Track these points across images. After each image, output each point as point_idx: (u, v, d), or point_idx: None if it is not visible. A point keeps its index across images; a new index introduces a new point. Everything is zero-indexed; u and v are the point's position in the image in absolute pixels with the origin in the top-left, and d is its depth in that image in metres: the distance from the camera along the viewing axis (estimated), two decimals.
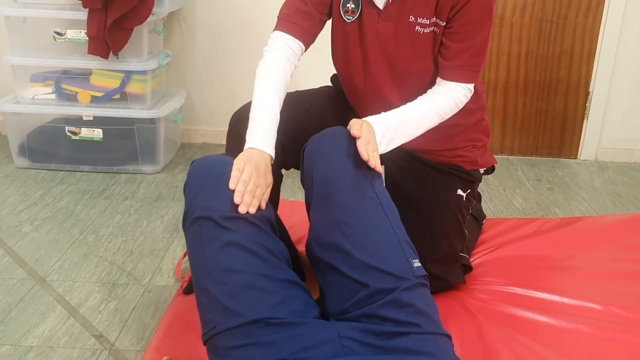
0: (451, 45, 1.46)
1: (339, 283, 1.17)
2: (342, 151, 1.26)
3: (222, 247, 1.15)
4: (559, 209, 2.50)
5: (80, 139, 2.69)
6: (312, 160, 1.29)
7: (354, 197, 1.21)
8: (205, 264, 1.16)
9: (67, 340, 1.53)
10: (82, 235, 2.10)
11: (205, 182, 1.23)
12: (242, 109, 1.59)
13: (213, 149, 3.11)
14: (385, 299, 1.10)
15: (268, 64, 1.47)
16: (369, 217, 1.20)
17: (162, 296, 1.74)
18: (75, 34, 2.59)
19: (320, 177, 1.25)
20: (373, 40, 1.49)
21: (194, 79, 3.12)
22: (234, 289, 1.11)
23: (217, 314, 1.11)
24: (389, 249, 1.17)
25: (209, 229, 1.17)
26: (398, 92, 1.53)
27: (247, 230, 1.18)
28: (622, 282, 1.77)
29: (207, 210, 1.19)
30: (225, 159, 1.28)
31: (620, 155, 3.16)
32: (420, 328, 1.07)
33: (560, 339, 1.50)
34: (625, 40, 2.98)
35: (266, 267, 1.14)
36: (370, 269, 1.13)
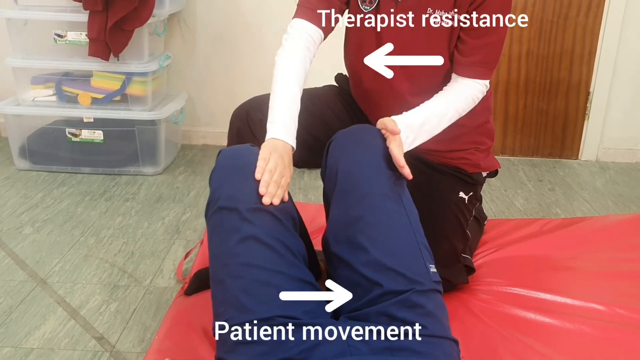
0: (469, 41, 1.45)
1: (352, 280, 1.16)
2: (369, 148, 1.26)
3: (241, 240, 1.14)
4: (561, 209, 2.50)
5: (81, 141, 2.69)
6: (337, 155, 1.28)
7: (377, 196, 1.20)
8: (223, 255, 1.15)
9: (67, 342, 1.53)
10: (83, 237, 2.10)
11: (230, 171, 1.23)
12: (242, 106, 1.59)
13: (214, 150, 3.10)
14: (396, 298, 1.10)
15: (288, 52, 1.45)
16: (391, 217, 1.19)
17: (163, 298, 1.74)
18: (76, 36, 2.59)
19: (345, 172, 1.24)
20: (389, 32, 1.47)
21: (194, 80, 3.12)
22: (250, 284, 1.11)
23: (230, 307, 1.10)
24: (408, 251, 1.16)
25: (231, 220, 1.16)
26: (411, 87, 1.51)
27: (269, 225, 1.17)
28: (625, 283, 1.76)
29: (230, 200, 1.18)
30: (252, 149, 1.27)
31: (621, 156, 3.16)
32: (427, 330, 1.07)
33: (563, 340, 1.50)
34: (626, 40, 2.98)
35: (283, 265, 1.14)
36: (385, 269, 1.13)
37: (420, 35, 1.46)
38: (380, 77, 1.52)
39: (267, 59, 3.04)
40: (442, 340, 1.09)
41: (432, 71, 1.50)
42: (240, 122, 1.55)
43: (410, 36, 1.47)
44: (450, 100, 1.46)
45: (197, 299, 1.64)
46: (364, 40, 1.52)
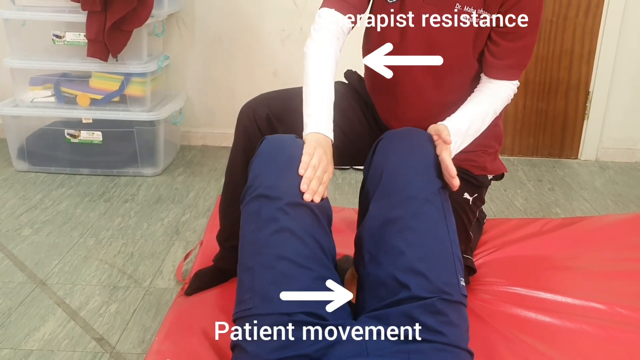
0: (504, 43, 1.44)
1: (380, 279, 1.16)
2: (419, 152, 1.25)
3: (277, 232, 1.14)
4: (561, 209, 2.50)
5: (80, 142, 2.68)
6: (385, 154, 1.27)
7: (420, 200, 1.19)
8: (256, 243, 1.15)
9: (67, 344, 1.52)
10: (82, 238, 2.09)
11: (274, 161, 1.22)
12: (249, 104, 1.57)
13: (213, 151, 3.10)
14: (421, 302, 1.09)
15: (318, 43, 1.42)
16: (430, 224, 1.18)
17: (163, 299, 1.73)
18: (74, 36, 2.58)
19: (391, 172, 1.23)
20: (416, 24, 1.45)
21: (193, 81, 3.11)
22: (279, 276, 1.10)
23: (255, 296, 1.10)
24: (442, 260, 1.15)
25: (269, 210, 1.15)
26: (434, 84, 1.50)
27: (306, 220, 1.16)
28: (626, 282, 1.76)
29: (271, 190, 1.17)
30: (297, 141, 1.27)
31: (621, 155, 3.16)
32: (446, 338, 1.07)
33: (564, 339, 1.49)
34: (625, 40, 2.98)
35: (314, 263, 1.14)
36: (417, 273, 1.12)
37: (446, 30, 1.44)
38: (404, 74, 1.49)
39: (266, 59, 3.05)
40: (459, 351, 1.09)
41: (459, 69, 1.49)
42: (247, 119, 1.54)
43: (436, 31, 1.44)
44: (490, 102, 1.46)
45: (197, 299, 1.64)
46: (386, 34, 1.49)
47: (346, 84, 1.69)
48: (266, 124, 1.53)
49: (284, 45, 3.03)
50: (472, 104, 1.46)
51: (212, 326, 1.49)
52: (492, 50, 1.46)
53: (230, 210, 1.65)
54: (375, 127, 1.64)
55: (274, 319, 1.07)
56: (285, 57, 3.05)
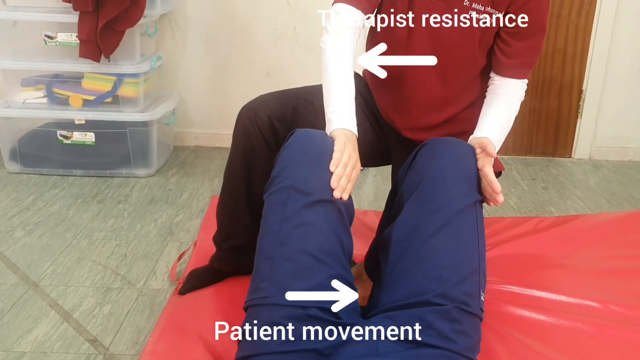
0: (515, 43, 1.45)
1: (402, 280, 1.16)
2: (462, 164, 1.26)
3: (302, 225, 1.14)
4: (554, 207, 2.50)
5: (73, 143, 2.67)
6: (428, 160, 1.27)
7: (456, 211, 1.19)
8: (280, 234, 1.14)
9: (60, 345, 1.51)
10: (75, 240, 2.08)
11: (305, 154, 1.22)
12: (249, 105, 1.56)
13: (206, 151, 3.09)
14: (438, 307, 1.10)
15: (335, 39, 1.41)
16: (462, 235, 1.19)
17: (157, 300, 1.73)
18: (66, 37, 2.57)
19: (432, 178, 1.23)
20: (422, 21, 1.45)
21: (186, 81, 3.10)
22: (300, 269, 1.10)
23: (273, 285, 1.10)
24: (467, 271, 1.16)
25: (295, 202, 1.15)
26: (439, 80, 1.50)
27: (331, 217, 1.16)
28: (620, 280, 1.76)
29: (300, 183, 1.17)
30: (328, 137, 1.27)
31: (614, 154, 3.17)
32: (457, 346, 1.07)
33: (558, 337, 1.49)
34: (618, 38, 2.99)
35: (333, 260, 1.14)
36: (439, 280, 1.13)
37: (454, 27, 1.44)
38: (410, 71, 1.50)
39: (259, 59, 3.05)
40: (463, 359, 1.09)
41: (464, 65, 1.49)
42: (248, 120, 1.53)
43: (444, 27, 1.44)
44: (511, 104, 1.47)
45: (191, 299, 1.63)
46: (394, 31, 1.49)
47: None
48: (267, 125, 1.52)
49: (276, 45, 3.03)
50: (496, 107, 1.46)
51: (207, 326, 1.49)
52: (504, 49, 1.46)
53: (228, 212, 1.65)
54: (375, 124, 1.63)
55: (289, 311, 1.07)
56: (278, 57, 3.04)
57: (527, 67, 1.49)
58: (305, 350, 1.04)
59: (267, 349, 1.05)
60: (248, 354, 1.08)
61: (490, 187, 1.23)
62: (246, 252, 1.70)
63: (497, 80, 1.50)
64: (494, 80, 1.51)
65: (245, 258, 1.72)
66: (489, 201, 1.26)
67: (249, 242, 1.68)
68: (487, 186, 1.25)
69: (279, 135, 1.53)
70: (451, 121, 1.55)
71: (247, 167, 1.56)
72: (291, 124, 1.52)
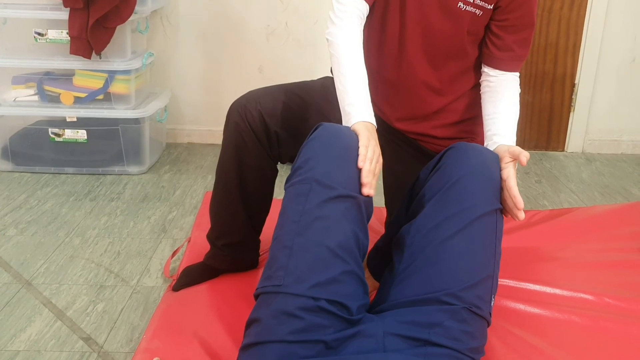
0: (506, 36, 1.46)
1: (415, 276, 1.16)
2: (488, 171, 1.26)
3: (323, 218, 1.14)
4: (548, 201, 2.51)
5: (64, 141, 2.66)
6: (455, 163, 1.27)
7: (478, 214, 1.20)
8: (299, 224, 1.14)
9: (54, 344, 1.51)
10: (67, 238, 2.07)
11: (329, 147, 1.22)
12: (240, 100, 1.55)
13: (199, 148, 3.08)
14: (449, 306, 1.10)
15: (343, 29, 1.41)
16: (482, 240, 1.19)
17: (151, 297, 1.72)
18: (56, 34, 2.55)
19: (458, 181, 1.23)
20: (414, 10, 1.45)
21: (178, 78, 3.09)
22: (316, 262, 1.11)
23: (288, 275, 1.10)
24: (482, 275, 1.16)
25: (319, 195, 1.15)
26: (430, 71, 1.50)
27: (352, 213, 1.17)
28: (614, 272, 1.77)
29: (324, 176, 1.17)
30: (353, 134, 1.27)
31: (606, 147, 3.18)
32: (463, 346, 1.08)
33: (553, 330, 1.50)
34: (610, 32, 2.99)
35: (349, 255, 1.14)
36: (454, 281, 1.13)
37: (445, 16, 1.44)
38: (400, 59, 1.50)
39: (251, 55, 3.04)
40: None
41: (453, 56, 1.50)
42: (238, 116, 1.53)
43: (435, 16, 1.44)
44: (516, 103, 1.50)
45: (186, 296, 1.63)
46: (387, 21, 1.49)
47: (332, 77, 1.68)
48: (257, 120, 1.52)
49: (269, 41, 3.02)
50: (508, 110, 1.47)
51: (201, 323, 1.49)
52: (496, 42, 1.48)
53: (221, 209, 1.64)
54: None
55: (301, 301, 1.07)
56: (270, 53, 3.03)
57: (519, 60, 1.50)
58: (313, 341, 1.04)
59: (276, 337, 1.05)
60: (256, 341, 1.08)
61: (513, 202, 1.23)
62: (241, 249, 1.70)
63: (493, 75, 1.51)
64: (490, 76, 1.52)
65: (239, 255, 1.72)
66: (507, 214, 1.27)
67: (243, 239, 1.68)
68: (508, 199, 1.25)
69: (269, 130, 1.52)
70: (442, 111, 1.55)
71: (239, 163, 1.56)
72: (282, 119, 1.52)
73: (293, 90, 1.58)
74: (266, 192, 1.65)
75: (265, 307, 1.10)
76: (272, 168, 1.61)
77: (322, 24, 2.98)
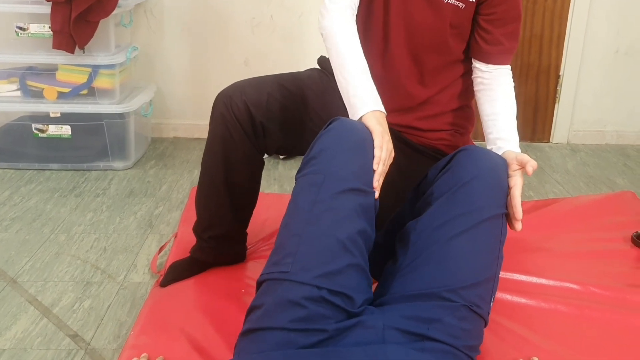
0: (494, 30, 1.46)
1: (418, 272, 1.17)
2: (496, 174, 1.27)
3: (334, 210, 1.15)
4: (533, 191, 2.52)
5: (48, 137, 2.63)
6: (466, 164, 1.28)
7: (486, 215, 1.21)
8: (311, 214, 1.15)
9: (41, 341, 1.49)
10: (53, 234, 2.05)
11: (344, 140, 1.22)
12: (225, 91, 1.54)
13: (185, 143, 3.06)
14: (449, 303, 1.11)
15: (336, 21, 1.40)
16: (487, 242, 1.20)
17: (138, 293, 1.71)
18: (38, 28, 2.52)
19: (468, 182, 1.24)
20: (398, 2, 1.45)
21: (163, 72, 3.07)
22: (325, 252, 1.11)
23: (297, 263, 1.10)
24: (484, 275, 1.17)
25: (332, 187, 1.16)
26: (412, 64, 1.51)
27: (362, 207, 1.18)
28: (598, 262, 1.79)
29: (339, 168, 1.18)
30: (368, 131, 1.27)
31: (591, 138, 3.20)
32: (461, 343, 1.09)
33: (540, 320, 1.51)
34: (594, 23, 3.01)
35: (356, 249, 1.15)
36: (456, 279, 1.14)
37: (428, 10, 1.45)
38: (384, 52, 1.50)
39: (236, 48, 3.02)
40: (466, 357, 1.11)
41: (436, 50, 1.50)
42: (224, 107, 1.52)
43: (418, 9, 1.45)
44: (513, 100, 1.50)
45: (173, 291, 1.62)
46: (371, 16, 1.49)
47: (320, 70, 1.67)
48: (243, 111, 1.51)
49: (254, 33, 3.00)
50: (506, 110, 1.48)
51: (189, 318, 1.49)
52: (485, 37, 1.48)
53: (207, 201, 1.63)
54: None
55: (305, 290, 1.07)
56: (255, 46, 3.02)
57: (509, 53, 1.51)
58: (314, 330, 1.05)
59: (276, 324, 1.05)
60: (256, 327, 1.08)
61: (513, 212, 1.24)
62: (228, 242, 1.70)
63: (485, 70, 1.51)
64: (482, 72, 1.52)
65: (226, 247, 1.71)
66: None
67: (230, 232, 1.68)
68: (509, 207, 1.26)
69: (255, 121, 1.52)
70: (426, 103, 1.56)
71: (225, 154, 1.55)
72: (267, 110, 1.51)
73: (279, 81, 1.57)
74: (253, 184, 1.65)
75: (269, 294, 1.10)
76: (258, 159, 1.61)
77: (307, 17, 2.97)
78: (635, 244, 1.87)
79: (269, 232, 1.95)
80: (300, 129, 1.57)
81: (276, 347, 1.04)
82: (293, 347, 1.04)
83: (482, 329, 1.17)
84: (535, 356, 1.37)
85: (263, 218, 2.01)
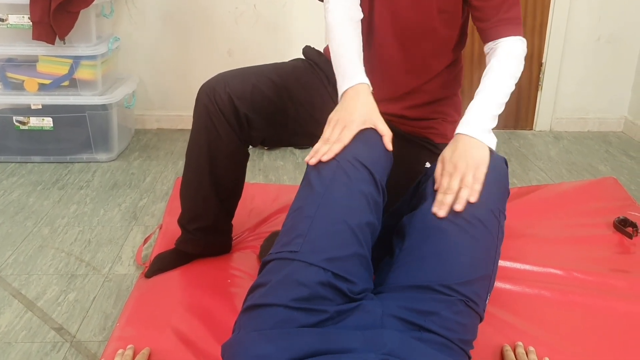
0: (483, 5, 1.43)
1: (416, 264, 1.18)
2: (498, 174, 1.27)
3: (348, 196, 1.17)
4: (517, 179, 2.54)
5: (30, 129, 2.60)
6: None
7: (487, 211, 1.21)
8: (327, 197, 1.16)
9: (25, 335, 1.48)
10: (36, 228, 2.04)
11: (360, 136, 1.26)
12: (209, 82, 1.53)
13: (168, 134, 3.05)
14: (446, 297, 1.12)
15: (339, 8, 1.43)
16: (485, 238, 1.21)
17: (124, 285, 1.70)
18: (18, 19, 2.49)
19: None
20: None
21: (145, 62, 3.04)
22: (335, 236, 1.12)
23: (307, 244, 1.11)
24: (481, 272, 1.18)
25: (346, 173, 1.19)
26: (400, 51, 1.50)
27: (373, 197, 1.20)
28: (581, 247, 1.81)
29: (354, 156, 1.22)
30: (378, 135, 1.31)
31: (573, 125, 3.23)
32: (456, 336, 1.10)
33: (524, 305, 1.52)
34: (575, 11, 3.03)
35: (363, 239, 1.16)
36: (454, 273, 1.15)
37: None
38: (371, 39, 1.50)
39: (219, 38, 3.00)
40: (463, 353, 1.12)
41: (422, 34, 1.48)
42: (207, 99, 1.51)
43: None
44: (499, 69, 1.41)
45: (158, 283, 1.61)
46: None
47: (305, 60, 1.67)
48: (227, 102, 1.50)
49: (237, 23, 2.98)
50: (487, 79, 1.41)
51: (174, 309, 1.48)
52: (477, 15, 1.45)
53: (192, 192, 1.62)
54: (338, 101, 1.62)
55: (312, 271, 1.08)
56: (239, 36, 3.00)
57: (507, 23, 1.45)
58: (315, 310, 1.05)
59: (280, 301, 1.05)
60: (258, 303, 1.08)
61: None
62: (213, 233, 1.69)
63: (492, 48, 1.46)
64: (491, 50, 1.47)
65: (212, 239, 1.71)
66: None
67: (215, 223, 1.67)
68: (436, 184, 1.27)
69: (239, 112, 1.51)
70: (415, 92, 1.55)
71: (208, 145, 1.54)
72: (251, 102, 1.51)
73: (263, 72, 1.56)
74: (237, 175, 1.64)
75: (275, 273, 1.10)
76: (243, 151, 1.60)
77: (290, 6, 2.95)
78: (617, 229, 1.89)
79: (254, 222, 1.94)
80: (285, 120, 1.56)
81: (277, 324, 1.04)
82: (293, 325, 1.04)
83: (476, 325, 1.18)
84: (520, 341, 1.39)
85: (248, 208, 2.01)
